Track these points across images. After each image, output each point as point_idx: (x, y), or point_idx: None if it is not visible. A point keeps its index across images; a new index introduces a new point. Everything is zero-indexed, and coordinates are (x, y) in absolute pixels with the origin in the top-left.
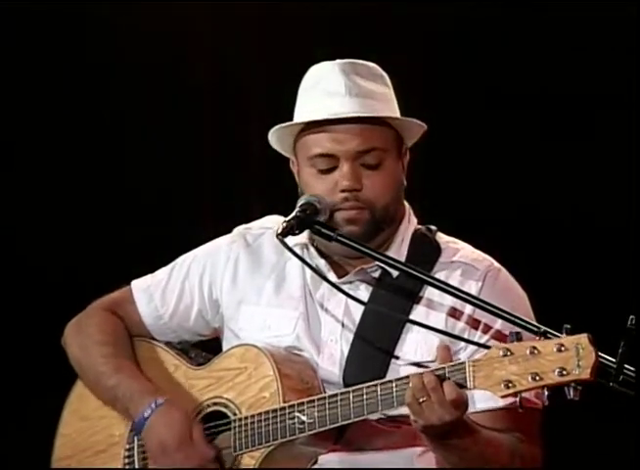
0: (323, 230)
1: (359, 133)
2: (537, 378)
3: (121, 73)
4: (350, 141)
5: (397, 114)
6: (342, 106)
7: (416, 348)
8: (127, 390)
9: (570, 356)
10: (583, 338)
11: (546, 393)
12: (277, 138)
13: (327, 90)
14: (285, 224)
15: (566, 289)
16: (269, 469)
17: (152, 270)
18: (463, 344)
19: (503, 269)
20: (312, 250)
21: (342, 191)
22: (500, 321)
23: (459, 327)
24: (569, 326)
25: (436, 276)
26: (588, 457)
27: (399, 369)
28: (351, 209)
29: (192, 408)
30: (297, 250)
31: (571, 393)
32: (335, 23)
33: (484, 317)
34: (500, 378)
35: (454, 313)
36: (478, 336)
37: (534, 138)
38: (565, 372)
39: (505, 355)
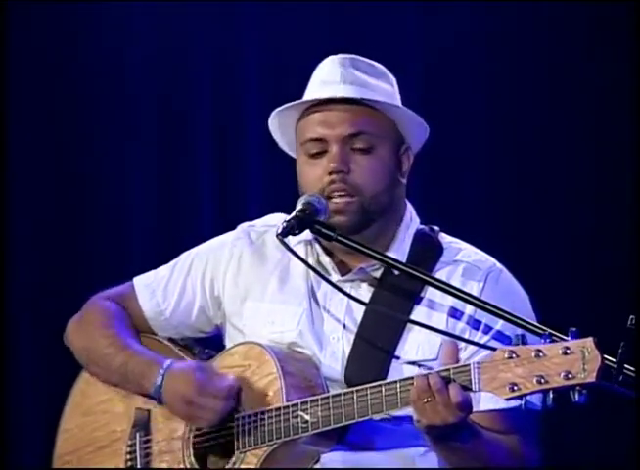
0: (323, 230)
1: (348, 117)
2: (543, 381)
3: (120, 73)
4: (340, 124)
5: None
6: (334, 92)
7: (417, 347)
8: (136, 366)
9: (575, 360)
10: (589, 341)
11: (551, 396)
12: (280, 132)
13: (323, 80)
14: (285, 224)
15: (566, 289)
16: (272, 468)
17: (152, 268)
18: (463, 344)
19: (505, 270)
20: (317, 247)
21: (330, 174)
22: (501, 322)
23: (460, 327)
24: (574, 329)
25: (438, 276)
26: (587, 457)
27: (401, 368)
28: (340, 196)
29: None
30: (302, 246)
31: (577, 396)
32: (335, 23)
33: (485, 318)
34: (505, 380)
35: (455, 313)
36: (478, 336)
37: (535, 138)
38: (570, 375)
39: (510, 358)
